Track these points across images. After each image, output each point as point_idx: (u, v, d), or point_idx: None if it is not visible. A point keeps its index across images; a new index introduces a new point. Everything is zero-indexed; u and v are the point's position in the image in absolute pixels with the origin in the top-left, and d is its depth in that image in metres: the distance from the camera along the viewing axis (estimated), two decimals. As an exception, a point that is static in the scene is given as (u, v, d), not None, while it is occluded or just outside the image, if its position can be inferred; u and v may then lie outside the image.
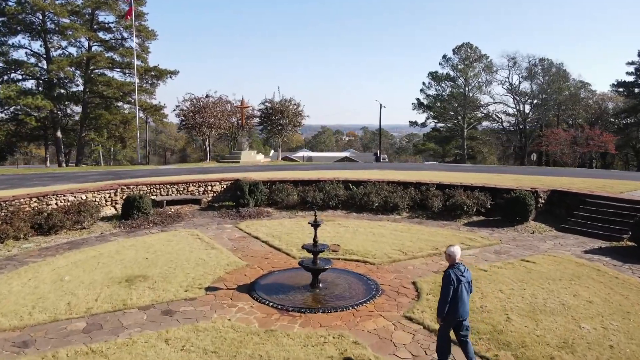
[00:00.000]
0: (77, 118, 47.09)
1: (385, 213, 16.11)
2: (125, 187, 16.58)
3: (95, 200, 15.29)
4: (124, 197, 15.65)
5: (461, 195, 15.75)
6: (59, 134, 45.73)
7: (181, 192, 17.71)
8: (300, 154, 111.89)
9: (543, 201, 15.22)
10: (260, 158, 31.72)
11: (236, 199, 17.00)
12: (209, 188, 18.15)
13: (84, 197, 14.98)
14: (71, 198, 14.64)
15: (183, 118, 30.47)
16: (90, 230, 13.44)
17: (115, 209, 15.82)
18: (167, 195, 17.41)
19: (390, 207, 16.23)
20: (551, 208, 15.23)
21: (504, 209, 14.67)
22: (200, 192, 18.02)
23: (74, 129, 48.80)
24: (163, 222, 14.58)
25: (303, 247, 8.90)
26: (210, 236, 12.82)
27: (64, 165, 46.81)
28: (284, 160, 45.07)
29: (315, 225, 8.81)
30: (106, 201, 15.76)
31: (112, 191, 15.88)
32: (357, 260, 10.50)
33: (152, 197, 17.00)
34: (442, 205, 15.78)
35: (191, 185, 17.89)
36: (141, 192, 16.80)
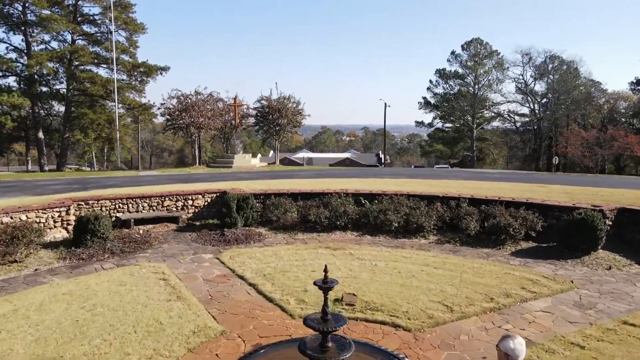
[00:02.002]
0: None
1: (407, 236, 12.86)
2: (82, 203, 13.32)
3: (39, 222, 12.02)
4: (79, 216, 12.37)
5: (503, 214, 12.50)
6: (40, 134, 42.55)
7: (154, 207, 14.44)
8: (301, 154, 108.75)
9: (610, 223, 11.96)
10: (255, 162, 28.44)
11: (221, 217, 13.74)
12: (189, 202, 14.89)
13: (23, 217, 11.70)
14: (5, 219, 11.37)
15: (168, 117, 27.20)
16: (24, 265, 10.16)
17: (68, 232, 12.56)
18: (137, 211, 14.15)
19: (413, 229, 12.97)
20: (620, 232, 11.98)
21: (563, 234, 11.40)
22: (179, 208, 14.76)
23: (58, 129, 45.64)
24: (124, 250, 11.29)
25: (306, 323, 5.61)
26: (181, 275, 9.55)
27: (46, 168, 43.60)
28: (282, 163, 41.88)
29: (326, 288, 5.51)
30: (55, 222, 12.47)
31: (63, 209, 12.59)
32: (384, 323, 7.23)
33: (117, 215, 13.78)
34: (480, 226, 12.54)
35: (167, 199, 14.62)
36: (103, 209, 13.59)
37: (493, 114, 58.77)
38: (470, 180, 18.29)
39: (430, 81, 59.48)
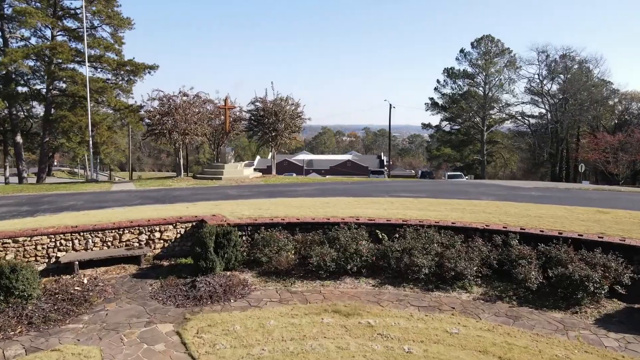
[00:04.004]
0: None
1: (442, 287, 9.59)
2: (9, 241, 10.07)
3: (-62, 273, 8.72)
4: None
5: (572, 258, 9.22)
6: (18, 138, 39.24)
7: (109, 243, 11.16)
8: (301, 156, 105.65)
9: None
10: (248, 172, 25.10)
11: (196, 257, 10.43)
12: (156, 235, 11.60)
13: None
14: None
15: (148, 122, 23.79)
16: None
17: (-17, 284, 9.25)
18: (85, 249, 10.87)
19: (450, 277, 9.67)
20: None
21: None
22: (142, 243, 11.47)
23: (39, 132, 42.36)
24: (49, 318, 7.99)
25: None
26: (115, 373, 6.26)
27: (25, 175, 40.33)
28: (279, 170, 38.60)
29: None
30: (-37, 271, 9.17)
31: (-25, 253, 9.30)
32: None
33: (58, 255, 10.50)
34: (542, 275, 9.24)
35: (127, 231, 11.34)
36: (39, 248, 10.35)
37: (505, 116, 55.37)
38: (507, 202, 14.97)
39: (438, 81, 56.16)
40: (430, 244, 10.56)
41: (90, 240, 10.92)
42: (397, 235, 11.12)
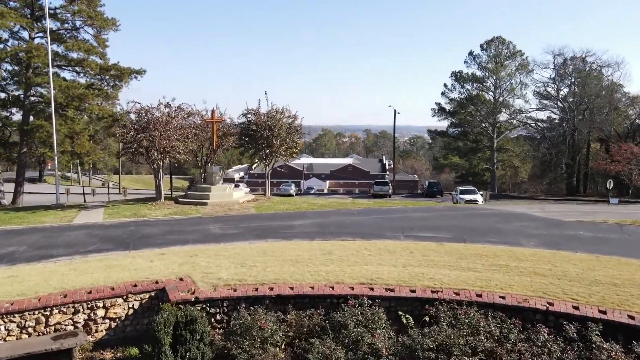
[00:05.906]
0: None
1: (500, 413, 6.53)
2: None
3: None
4: None
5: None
6: (-6, 148, 36.25)
7: (32, 329, 8.13)
8: (300, 160, 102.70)
9: None
10: (238, 196, 22.01)
11: (146, 359, 7.38)
12: (100, 313, 8.59)
13: None
14: None
15: (122, 139, 20.72)
16: None
17: None
18: (-4, 341, 7.83)
19: (511, 398, 6.64)
20: None
21: None
22: (79, 325, 8.46)
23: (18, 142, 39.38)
24: None
25: None
26: None
27: (2, 188, 37.29)
28: (278, 180, 35.56)
29: None
30: None
31: None
32: None
33: (-47, 354, 7.45)
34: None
35: (57, 311, 8.30)
36: None
37: (515, 122, 52.22)
38: (559, 252, 11.81)
39: (445, 85, 52.98)
40: (476, 334, 7.56)
41: (2, 328, 7.90)
42: (426, 319, 8.11)
